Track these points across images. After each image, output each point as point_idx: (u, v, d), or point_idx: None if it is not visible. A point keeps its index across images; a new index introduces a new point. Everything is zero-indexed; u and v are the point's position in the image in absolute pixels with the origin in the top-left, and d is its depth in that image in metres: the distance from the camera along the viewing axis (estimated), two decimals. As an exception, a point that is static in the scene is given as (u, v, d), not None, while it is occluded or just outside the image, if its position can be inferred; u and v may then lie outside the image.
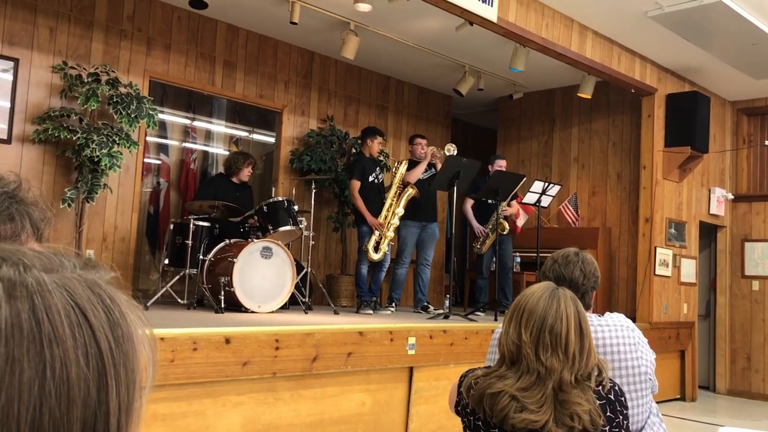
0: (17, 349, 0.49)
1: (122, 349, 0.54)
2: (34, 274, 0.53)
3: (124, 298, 0.57)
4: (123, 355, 0.54)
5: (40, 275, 0.53)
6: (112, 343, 0.53)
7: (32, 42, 5.61)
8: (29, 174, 5.51)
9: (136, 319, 0.57)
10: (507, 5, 5.59)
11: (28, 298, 0.51)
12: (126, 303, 0.57)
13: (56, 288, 0.53)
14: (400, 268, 6.56)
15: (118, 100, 5.54)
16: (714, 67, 7.43)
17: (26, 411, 0.48)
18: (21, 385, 0.48)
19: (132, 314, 0.57)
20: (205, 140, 8.13)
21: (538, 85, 8.49)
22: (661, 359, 7.05)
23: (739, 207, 8.65)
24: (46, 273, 0.54)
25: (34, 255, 0.55)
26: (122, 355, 0.54)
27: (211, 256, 5.55)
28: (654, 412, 2.38)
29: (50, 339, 0.50)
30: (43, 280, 0.52)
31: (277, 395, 4.04)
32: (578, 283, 2.28)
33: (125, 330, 0.55)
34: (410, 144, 6.86)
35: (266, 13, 6.47)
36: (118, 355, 0.54)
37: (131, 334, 0.56)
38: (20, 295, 0.51)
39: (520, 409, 1.68)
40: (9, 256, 0.53)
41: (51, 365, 0.50)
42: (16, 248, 0.55)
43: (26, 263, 0.53)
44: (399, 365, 4.70)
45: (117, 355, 0.54)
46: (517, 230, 7.51)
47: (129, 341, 0.55)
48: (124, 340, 0.55)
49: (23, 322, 0.50)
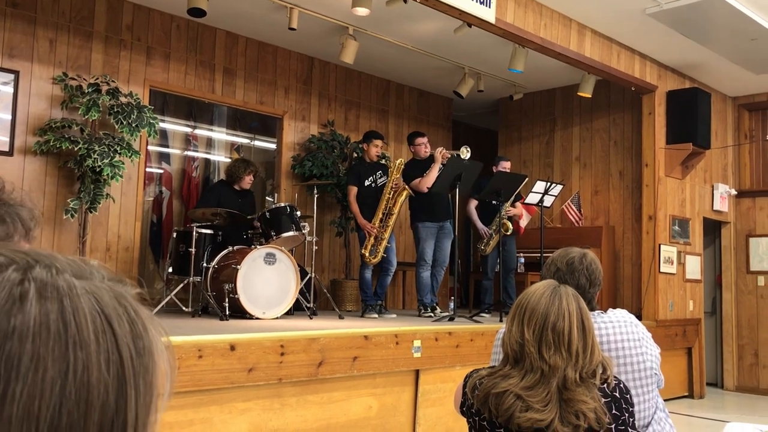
0: (43, 348, 0.50)
1: (143, 361, 0.55)
2: (65, 278, 0.54)
3: (148, 313, 0.58)
4: (143, 367, 0.55)
5: (71, 280, 0.54)
6: (133, 354, 0.54)
7: (32, 54, 5.63)
8: (32, 185, 5.53)
9: (157, 335, 0.58)
10: (505, 6, 5.59)
11: (58, 300, 0.52)
12: (149, 318, 0.58)
13: (85, 293, 0.54)
14: (424, 270, 6.36)
15: (119, 109, 5.55)
16: (714, 63, 7.42)
17: (46, 410, 0.49)
18: (44, 383, 0.49)
19: (154, 329, 0.58)
20: (207, 148, 8.14)
21: (538, 86, 8.49)
22: (668, 357, 7.03)
23: (743, 202, 8.63)
24: (77, 279, 0.55)
25: (66, 261, 0.56)
26: (142, 367, 0.55)
27: (215, 264, 5.55)
28: (660, 407, 2.37)
29: (75, 342, 0.51)
30: (74, 285, 0.54)
31: (284, 401, 4.04)
32: (584, 290, 2.26)
33: (146, 343, 0.56)
34: (410, 144, 6.62)
35: (265, 19, 6.49)
36: (138, 366, 0.55)
37: (152, 349, 0.57)
38: (51, 296, 0.52)
39: (525, 408, 1.68)
40: (42, 259, 0.55)
41: (74, 367, 0.51)
42: (50, 253, 0.56)
43: (59, 267, 0.55)
44: (405, 368, 4.69)
45: (137, 366, 0.54)
46: (520, 231, 7.50)
47: (149, 355, 0.56)
48: (145, 352, 0.56)
49: (51, 323, 0.51)
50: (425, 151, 6.47)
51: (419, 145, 6.52)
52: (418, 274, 6.41)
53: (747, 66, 7.45)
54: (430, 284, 6.44)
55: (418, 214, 6.44)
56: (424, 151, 6.48)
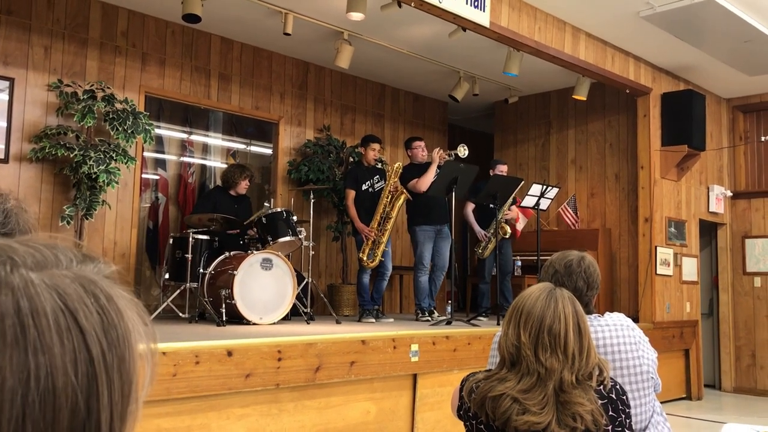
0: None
1: (117, 352, 0.51)
2: (21, 273, 0.49)
3: (123, 294, 0.54)
4: (117, 358, 0.51)
5: (28, 275, 0.49)
6: (105, 348, 0.50)
7: (27, 61, 5.63)
8: (28, 192, 5.52)
9: (135, 317, 0.54)
10: (499, 10, 5.60)
11: (14, 301, 0.47)
12: (124, 300, 0.54)
13: (45, 289, 0.49)
14: (422, 275, 6.33)
15: (114, 116, 5.55)
16: (708, 65, 7.45)
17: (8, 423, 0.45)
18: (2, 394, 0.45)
19: (130, 312, 0.54)
20: (203, 154, 8.14)
21: (533, 89, 8.51)
22: (666, 359, 7.05)
23: (739, 204, 8.65)
24: (37, 271, 0.50)
25: (25, 251, 0.51)
26: (116, 358, 0.51)
27: (212, 269, 5.54)
28: (658, 411, 2.37)
29: (36, 347, 0.47)
30: (31, 281, 0.49)
31: (281, 406, 4.03)
32: (582, 292, 2.27)
33: (121, 331, 0.52)
34: (408, 148, 6.63)
35: (260, 25, 6.50)
36: (111, 359, 0.51)
37: (128, 335, 0.52)
38: (4, 297, 0.47)
39: (522, 411, 1.68)
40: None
41: (35, 374, 0.46)
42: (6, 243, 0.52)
43: (15, 261, 0.50)
44: (402, 373, 4.69)
45: (110, 359, 0.50)
46: (517, 234, 7.50)
47: (125, 342, 0.52)
48: (119, 342, 0.51)
49: (7, 328, 0.46)
50: (422, 155, 6.48)
51: (416, 148, 6.53)
52: (416, 278, 6.39)
53: (741, 68, 7.48)
54: (428, 288, 6.43)
55: (416, 218, 6.44)
56: (421, 154, 6.49)
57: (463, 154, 6.17)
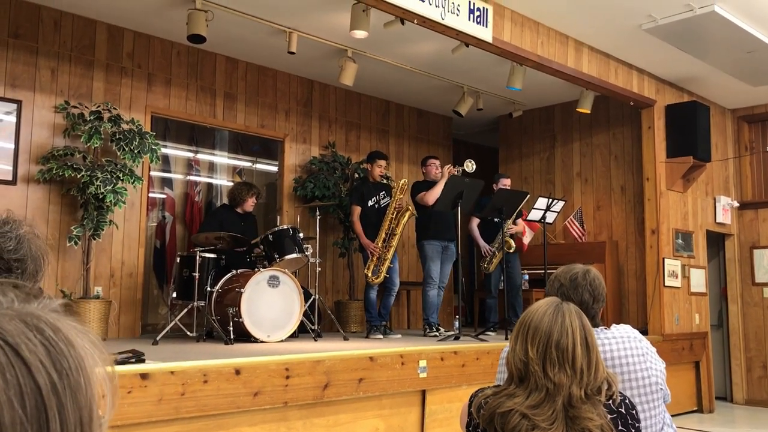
0: None
1: (69, 381, 0.50)
2: None
3: (73, 324, 0.53)
4: (69, 388, 0.50)
5: None
6: (54, 377, 0.49)
7: (34, 83, 5.68)
8: (35, 214, 5.55)
9: (89, 346, 0.53)
10: (501, 25, 5.63)
11: None
12: (74, 330, 0.52)
13: None
14: (431, 289, 6.38)
15: (121, 136, 5.59)
16: (711, 76, 7.46)
17: None
18: None
19: (82, 340, 0.52)
20: (209, 172, 8.18)
21: (537, 102, 8.53)
22: (676, 371, 7.00)
23: (746, 214, 8.62)
24: None
25: None
26: (68, 388, 0.50)
27: (219, 288, 5.55)
28: (668, 423, 2.35)
29: None
30: None
31: (290, 424, 4.01)
32: (588, 306, 2.27)
33: (73, 361, 0.51)
34: (423, 165, 6.80)
35: (264, 44, 6.54)
36: (63, 388, 0.49)
37: (81, 364, 0.51)
38: None
39: (532, 428, 1.67)
40: None
41: None
42: None
43: None
44: (411, 389, 4.67)
45: (62, 388, 0.49)
46: (524, 248, 7.49)
47: (78, 370, 0.51)
48: (71, 370, 0.50)
49: None
50: (436, 172, 6.56)
51: (430, 166, 6.66)
52: (425, 292, 6.41)
53: (744, 78, 7.49)
54: (436, 302, 6.44)
55: (424, 233, 6.48)
56: (434, 172, 6.58)
57: (471, 169, 6.22)
